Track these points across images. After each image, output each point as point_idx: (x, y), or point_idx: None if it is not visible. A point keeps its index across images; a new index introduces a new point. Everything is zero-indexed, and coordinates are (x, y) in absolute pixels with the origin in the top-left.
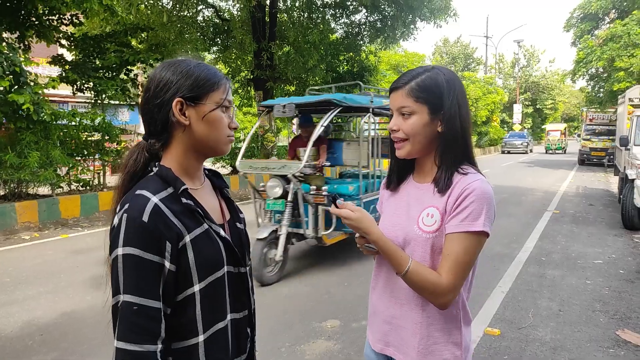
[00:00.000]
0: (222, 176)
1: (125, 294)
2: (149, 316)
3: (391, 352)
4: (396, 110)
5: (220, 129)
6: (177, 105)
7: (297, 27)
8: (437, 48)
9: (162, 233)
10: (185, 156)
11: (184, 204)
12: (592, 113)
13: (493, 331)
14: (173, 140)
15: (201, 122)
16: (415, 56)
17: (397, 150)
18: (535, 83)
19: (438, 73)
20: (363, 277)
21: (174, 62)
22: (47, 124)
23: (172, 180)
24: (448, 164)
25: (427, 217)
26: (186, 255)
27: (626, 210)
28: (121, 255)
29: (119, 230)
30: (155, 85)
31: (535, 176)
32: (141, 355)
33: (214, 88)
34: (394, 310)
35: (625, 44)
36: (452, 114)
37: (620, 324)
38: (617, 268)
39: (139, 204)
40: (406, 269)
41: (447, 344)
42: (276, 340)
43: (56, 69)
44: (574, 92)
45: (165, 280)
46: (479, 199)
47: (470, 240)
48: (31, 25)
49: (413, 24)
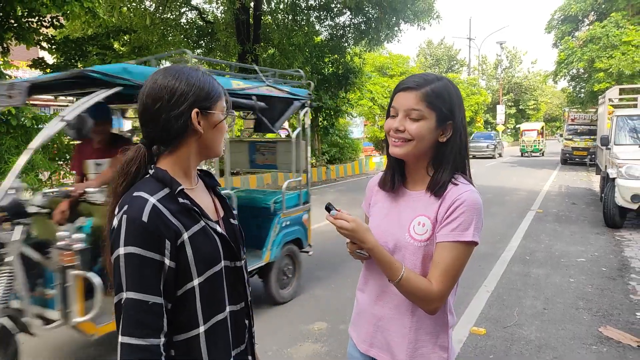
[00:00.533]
0: (213, 176)
1: (128, 291)
2: (151, 311)
3: (375, 353)
4: (403, 111)
5: (223, 134)
6: (195, 115)
7: (281, 29)
8: (421, 50)
9: (161, 232)
10: (189, 159)
11: (181, 204)
12: (574, 113)
13: (479, 330)
14: (182, 146)
15: (212, 130)
16: (400, 58)
17: (395, 147)
18: (518, 84)
19: (449, 84)
20: (350, 279)
21: (181, 71)
22: (27, 129)
23: (169, 181)
24: (444, 173)
25: (418, 226)
26: (185, 252)
27: (608, 209)
28: (123, 254)
29: (119, 230)
30: (169, 94)
31: (519, 176)
32: (145, 349)
33: (220, 97)
34: (382, 312)
35: (604, 45)
36: (459, 126)
37: (603, 321)
38: (599, 266)
39: (138, 205)
40: (399, 277)
41: (434, 347)
42: (263, 343)
43: (37, 73)
44: (555, 93)
45: (165, 277)
46: (469, 210)
47: (460, 250)
48: (10, 28)
49: (397, 26)
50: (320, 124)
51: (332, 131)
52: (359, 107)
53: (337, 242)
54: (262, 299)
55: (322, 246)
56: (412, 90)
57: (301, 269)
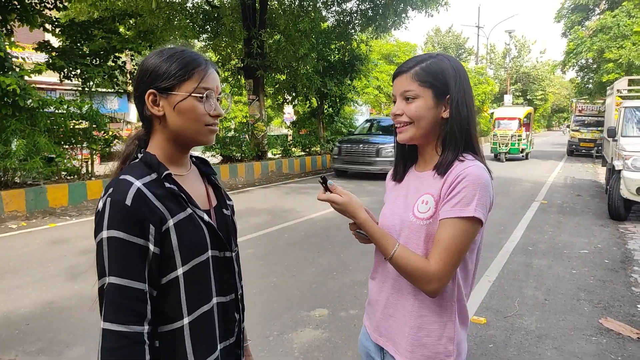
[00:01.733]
0: (209, 164)
1: (111, 275)
2: (134, 297)
3: (383, 342)
4: (399, 95)
5: (196, 119)
6: (149, 96)
7: (287, 14)
8: (429, 38)
9: (145, 216)
10: (168, 145)
11: (167, 189)
12: (582, 104)
13: (479, 320)
14: (153, 130)
15: (173, 113)
16: (407, 46)
17: (400, 134)
18: (526, 74)
19: (443, 59)
20: (351, 266)
21: (159, 50)
22: (33, 112)
23: (156, 165)
24: (451, 150)
25: (421, 204)
26: (169, 238)
27: (613, 201)
28: (106, 238)
29: (103, 213)
30: (138, 75)
31: (524, 167)
32: (127, 336)
33: (185, 77)
34: (387, 298)
35: (614, 35)
36: (459, 100)
37: (604, 313)
38: (602, 258)
39: (122, 188)
40: (392, 253)
41: (440, 338)
42: (264, 329)
43: (43, 56)
44: (564, 83)
45: (150, 263)
46: (471, 184)
47: (462, 226)
48: (13, 9)
49: (404, 13)
50: (326, 111)
51: (337, 119)
52: (365, 95)
53: (338, 230)
54: (262, 283)
55: (323, 234)
56: (403, 73)
57: None
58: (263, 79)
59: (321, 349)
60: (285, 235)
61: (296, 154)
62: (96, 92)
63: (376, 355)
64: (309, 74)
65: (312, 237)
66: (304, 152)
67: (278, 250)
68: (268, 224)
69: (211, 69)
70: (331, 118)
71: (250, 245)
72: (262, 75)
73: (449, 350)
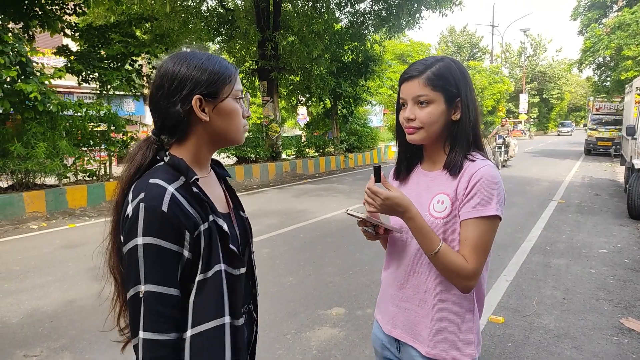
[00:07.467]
0: (223, 165)
1: (148, 283)
2: (171, 305)
3: (398, 333)
4: (411, 100)
5: (237, 120)
6: (196, 102)
7: (301, 16)
8: (443, 37)
9: (181, 222)
10: (202, 148)
11: (194, 194)
12: (599, 102)
13: (497, 319)
14: (190, 135)
15: (219, 116)
16: (421, 45)
17: (410, 135)
18: (542, 72)
19: (450, 62)
20: (367, 266)
21: (184, 56)
22: (53, 115)
23: (185, 170)
24: (460, 150)
25: (437, 204)
26: (199, 244)
27: (632, 200)
28: (141, 244)
29: (136, 219)
30: (169, 81)
31: (541, 166)
32: (168, 344)
33: (227, 81)
34: (404, 292)
35: (633, 32)
36: (468, 102)
37: (625, 312)
38: (622, 257)
39: (156, 193)
40: (437, 249)
41: (461, 327)
42: (281, 327)
43: (61, 60)
44: (580, 82)
45: (182, 269)
46: (489, 185)
47: (485, 225)
48: (35, 15)
49: (418, 13)
50: (340, 112)
51: (351, 119)
52: (379, 95)
53: (353, 230)
54: (279, 282)
55: (339, 233)
56: (415, 78)
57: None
58: (277, 81)
59: (338, 347)
60: (301, 235)
61: (310, 154)
62: (114, 95)
63: (391, 346)
64: (323, 75)
65: (327, 237)
66: (317, 152)
67: (293, 250)
68: (283, 224)
69: (238, 71)
70: (345, 118)
71: (265, 245)
72: (276, 76)
73: (469, 338)
